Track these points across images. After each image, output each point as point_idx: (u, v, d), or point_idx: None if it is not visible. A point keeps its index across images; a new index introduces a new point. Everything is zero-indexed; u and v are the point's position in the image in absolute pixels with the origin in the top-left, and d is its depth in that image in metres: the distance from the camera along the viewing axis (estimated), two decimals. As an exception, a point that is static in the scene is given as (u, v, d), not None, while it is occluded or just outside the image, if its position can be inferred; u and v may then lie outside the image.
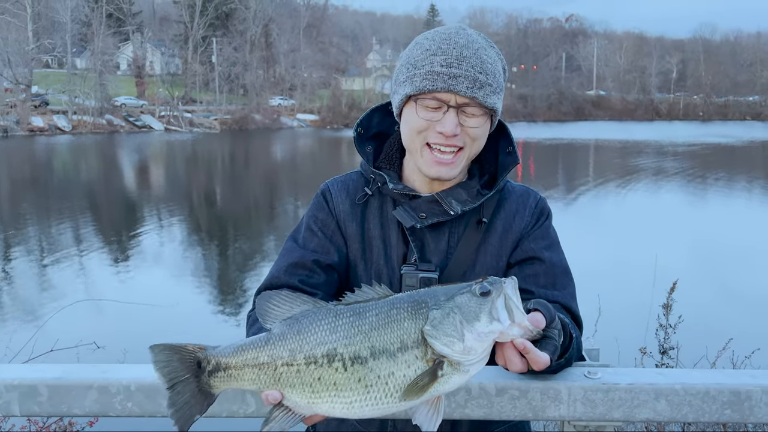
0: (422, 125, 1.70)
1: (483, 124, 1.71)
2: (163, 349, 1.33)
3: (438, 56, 1.67)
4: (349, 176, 1.92)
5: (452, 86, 1.64)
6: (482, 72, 1.66)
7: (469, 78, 1.64)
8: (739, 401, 1.51)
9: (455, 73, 1.64)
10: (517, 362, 1.29)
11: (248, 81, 78.71)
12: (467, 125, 1.69)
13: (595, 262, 12.49)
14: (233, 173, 36.49)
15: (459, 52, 1.66)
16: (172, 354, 1.33)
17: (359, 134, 1.89)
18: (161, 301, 8.65)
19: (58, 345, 4.17)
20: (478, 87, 1.65)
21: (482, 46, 1.71)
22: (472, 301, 1.24)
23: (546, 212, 1.86)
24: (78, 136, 59.27)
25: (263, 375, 1.29)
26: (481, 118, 1.70)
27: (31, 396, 1.56)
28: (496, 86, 1.69)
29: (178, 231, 19.38)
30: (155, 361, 1.33)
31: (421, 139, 1.72)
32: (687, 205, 23.66)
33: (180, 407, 1.33)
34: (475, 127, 1.70)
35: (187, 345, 1.33)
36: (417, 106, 1.70)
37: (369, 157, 1.87)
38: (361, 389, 1.25)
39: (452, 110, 1.67)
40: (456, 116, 1.67)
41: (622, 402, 1.52)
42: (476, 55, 1.67)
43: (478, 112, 1.68)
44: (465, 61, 1.65)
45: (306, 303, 1.31)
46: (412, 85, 1.70)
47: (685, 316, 4.33)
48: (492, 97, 1.68)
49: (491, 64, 1.70)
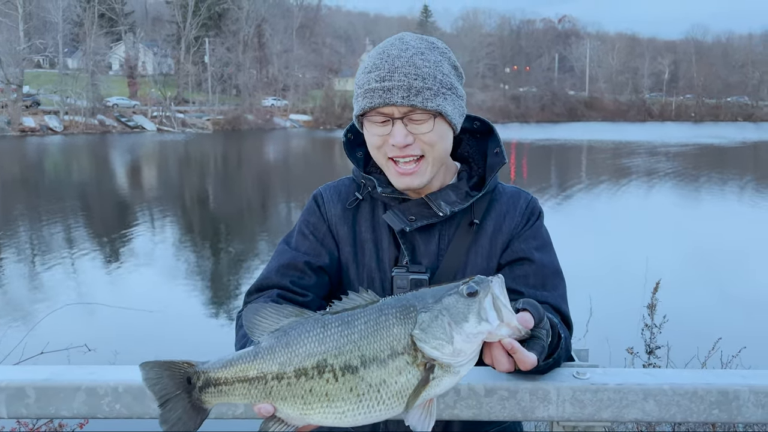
0: (377, 141, 1.73)
1: (433, 128, 1.70)
2: (153, 367, 1.32)
3: (373, 72, 1.69)
4: (341, 182, 1.94)
5: (388, 99, 1.65)
6: (417, 77, 1.65)
7: (402, 87, 1.64)
8: (727, 401, 1.51)
9: (388, 86, 1.65)
10: (504, 362, 1.29)
11: (241, 81, 78.60)
12: (418, 132, 1.69)
13: (587, 262, 12.53)
14: (226, 174, 36.43)
15: (390, 63, 1.67)
16: (162, 371, 1.32)
17: (349, 140, 1.90)
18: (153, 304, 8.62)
19: (49, 347, 4.14)
20: (414, 94, 1.65)
21: (418, 51, 1.69)
22: (460, 302, 1.23)
23: (537, 212, 1.86)
24: (70, 136, 59.05)
25: (254, 389, 1.28)
26: (428, 123, 1.69)
27: (19, 398, 1.56)
28: (437, 88, 1.68)
29: (170, 232, 19.32)
30: (146, 378, 1.32)
31: (382, 154, 1.74)
32: (678, 206, 23.75)
33: (173, 423, 1.32)
34: (426, 132, 1.69)
35: (176, 361, 1.33)
36: (367, 124, 1.74)
37: (359, 163, 1.89)
38: (353, 399, 1.24)
39: (398, 122, 1.68)
40: (403, 126, 1.68)
41: (610, 402, 1.52)
42: (409, 63, 1.66)
43: (425, 117, 1.68)
44: (397, 72, 1.65)
45: (293, 314, 1.30)
46: (357, 105, 1.74)
47: (677, 316, 4.35)
48: (434, 99, 1.67)
49: (429, 66, 1.68)
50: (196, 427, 1.34)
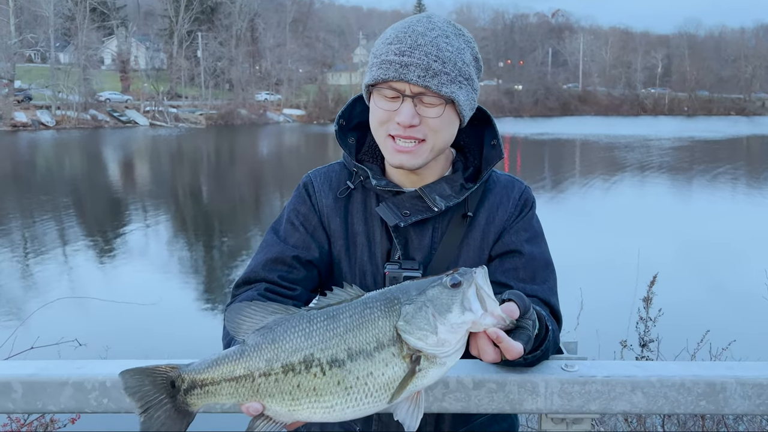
0: (383, 116, 1.68)
1: (442, 114, 1.66)
2: (133, 374, 1.30)
3: (394, 45, 1.64)
4: (332, 167, 1.90)
5: (403, 75, 1.61)
6: (437, 60, 1.61)
7: (421, 66, 1.60)
8: (714, 393, 1.52)
9: (407, 61, 1.61)
10: (490, 352, 1.28)
11: (234, 76, 78.32)
12: (426, 115, 1.65)
13: (579, 255, 12.56)
14: (219, 169, 36.33)
15: (414, 40, 1.62)
16: (143, 377, 1.30)
17: (341, 126, 1.86)
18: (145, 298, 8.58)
19: (39, 342, 4.12)
20: (431, 75, 1.61)
21: (443, 34, 1.66)
22: (444, 293, 1.23)
23: (530, 203, 1.83)
24: (62, 131, 58.75)
25: (241, 388, 1.27)
26: (439, 108, 1.65)
27: (6, 393, 1.55)
28: (455, 75, 1.64)
29: (163, 227, 19.28)
30: (126, 387, 1.30)
31: (384, 130, 1.70)
32: (670, 200, 23.84)
33: (156, 429, 1.30)
34: (434, 117, 1.65)
35: (158, 366, 1.31)
36: (375, 96, 1.69)
37: (351, 150, 1.85)
38: (341, 392, 1.24)
39: (408, 99, 1.63)
40: (412, 106, 1.64)
41: (598, 394, 1.53)
42: (432, 43, 1.62)
43: (435, 101, 1.64)
44: (419, 49, 1.61)
45: (277, 311, 1.29)
46: (369, 74, 1.68)
47: (667, 309, 4.36)
48: (449, 86, 1.63)
49: (451, 51, 1.64)
50: (182, 430, 1.32)
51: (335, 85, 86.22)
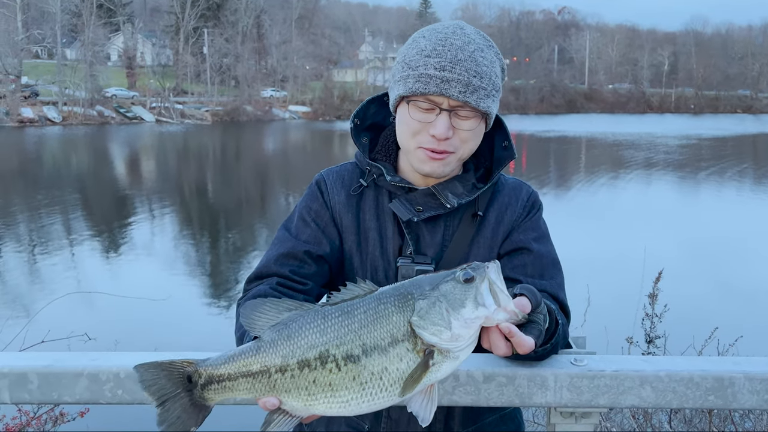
0: (416, 127, 1.70)
1: (476, 126, 1.70)
2: (148, 368, 1.31)
3: (432, 58, 1.65)
4: (344, 167, 1.92)
5: (444, 90, 1.63)
6: (476, 75, 1.64)
7: (462, 82, 1.63)
8: (722, 388, 1.53)
9: (448, 77, 1.63)
10: (501, 346, 1.30)
11: (240, 72, 78.33)
12: (460, 127, 1.68)
13: (586, 253, 12.55)
14: (225, 165, 36.39)
15: (454, 54, 1.64)
16: (159, 371, 1.31)
17: (355, 125, 1.89)
18: (153, 293, 8.63)
19: (50, 336, 4.15)
20: (471, 91, 1.63)
21: (479, 47, 1.68)
22: (457, 288, 1.24)
23: (537, 205, 1.87)
24: (68, 127, 58.87)
25: (258, 383, 1.29)
26: (473, 121, 1.68)
27: (22, 384, 1.57)
28: (491, 89, 1.68)
29: (170, 223, 19.33)
30: (141, 380, 1.31)
31: (416, 142, 1.71)
32: (677, 197, 23.77)
33: (172, 422, 1.32)
34: (468, 130, 1.69)
35: (174, 361, 1.32)
36: (410, 107, 1.70)
37: (365, 148, 1.87)
38: (356, 387, 1.26)
39: (444, 113, 1.66)
40: (448, 119, 1.66)
41: (607, 389, 1.54)
42: (471, 58, 1.65)
43: (471, 114, 1.67)
44: (459, 65, 1.63)
45: (292, 308, 1.30)
46: (405, 85, 1.69)
47: (674, 306, 4.37)
48: (486, 100, 1.67)
49: (487, 66, 1.68)
50: (197, 424, 1.34)
51: (341, 82, 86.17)
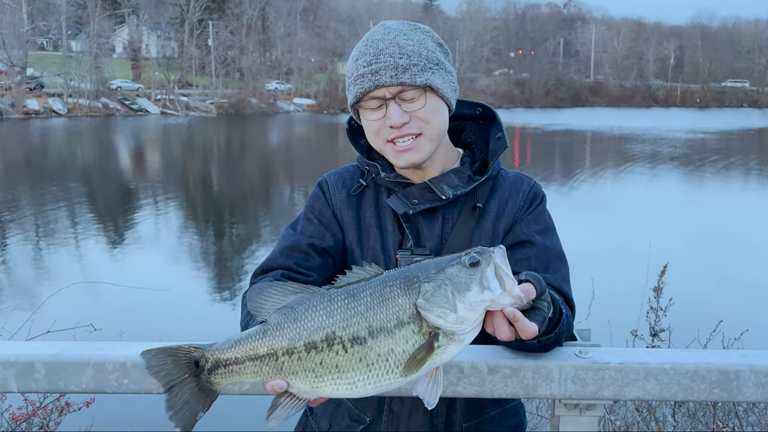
0: (375, 127, 1.75)
1: (426, 103, 1.72)
2: (155, 354, 1.32)
3: (360, 60, 1.73)
4: (346, 169, 1.97)
5: (377, 81, 1.68)
6: (402, 56, 1.69)
7: (389, 67, 1.68)
8: (727, 380, 1.53)
9: (376, 68, 1.68)
10: (505, 330, 1.30)
11: (244, 65, 78.27)
12: (412, 110, 1.71)
13: (591, 246, 12.54)
14: (229, 158, 36.42)
15: (375, 47, 1.70)
16: (166, 357, 1.32)
17: (352, 128, 1.93)
18: (158, 284, 8.66)
19: (55, 327, 4.16)
20: (401, 71, 1.68)
21: (400, 32, 1.73)
22: (463, 271, 1.25)
23: (540, 197, 1.87)
24: (73, 119, 58.99)
25: (265, 366, 1.29)
26: (420, 99, 1.71)
27: (29, 373, 1.58)
28: (425, 63, 1.71)
29: (174, 215, 19.37)
30: (148, 366, 1.32)
31: (381, 139, 1.76)
32: (683, 191, 23.72)
33: (180, 408, 1.32)
34: (420, 109, 1.71)
35: (180, 346, 1.33)
36: (362, 111, 1.77)
37: (363, 149, 1.91)
38: (363, 369, 1.26)
39: (391, 102, 1.70)
40: (397, 106, 1.70)
41: (612, 381, 1.54)
42: (393, 43, 1.70)
43: (416, 93, 1.70)
44: (382, 53, 1.69)
45: (298, 291, 1.31)
46: (350, 95, 1.77)
47: (678, 300, 4.36)
48: (422, 74, 1.69)
49: (414, 44, 1.71)
50: (205, 409, 1.35)
51: (345, 75, 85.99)
